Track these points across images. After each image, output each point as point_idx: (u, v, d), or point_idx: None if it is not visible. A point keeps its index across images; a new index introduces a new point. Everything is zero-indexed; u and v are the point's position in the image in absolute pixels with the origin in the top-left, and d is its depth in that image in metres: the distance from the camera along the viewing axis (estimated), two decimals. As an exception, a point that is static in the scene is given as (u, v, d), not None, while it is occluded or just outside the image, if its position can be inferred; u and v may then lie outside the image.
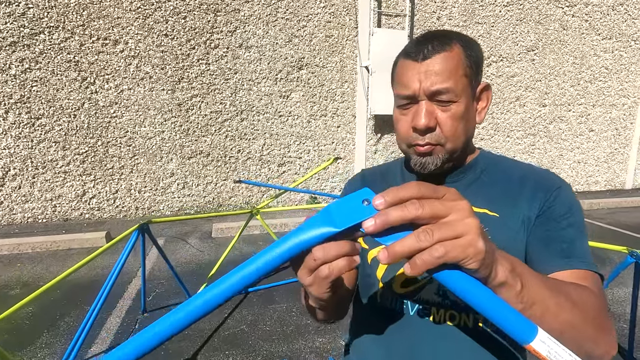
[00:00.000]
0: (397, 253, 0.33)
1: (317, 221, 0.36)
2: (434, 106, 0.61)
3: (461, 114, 0.61)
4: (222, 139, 5.01)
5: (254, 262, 0.36)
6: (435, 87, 0.59)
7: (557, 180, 0.67)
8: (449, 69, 0.59)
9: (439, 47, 0.60)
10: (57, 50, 4.32)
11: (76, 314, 2.53)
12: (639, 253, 1.64)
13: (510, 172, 0.69)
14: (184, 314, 0.35)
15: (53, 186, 4.57)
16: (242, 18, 4.80)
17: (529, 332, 0.33)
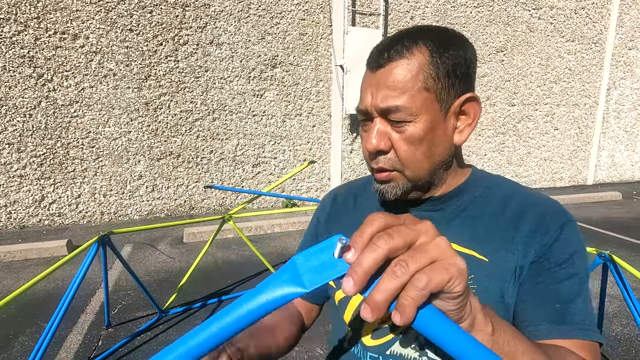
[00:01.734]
0: (381, 303, 0.27)
1: (281, 279, 0.29)
2: (386, 124, 0.51)
3: (419, 135, 0.50)
4: (194, 139, 4.82)
5: (198, 333, 0.29)
6: (384, 105, 0.49)
7: (561, 216, 0.53)
8: (402, 82, 0.48)
9: (395, 55, 0.49)
10: (9, 45, 3.99)
11: (32, 332, 2.34)
12: (607, 254, 1.68)
13: (506, 203, 0.56)
14: None
15: (7, 191, 4.23)
16: (213, 14, 4.63)
17: None
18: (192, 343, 0.29)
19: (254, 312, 0.29)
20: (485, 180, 0.60)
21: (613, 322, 2.53)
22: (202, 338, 0.29)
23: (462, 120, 0.54)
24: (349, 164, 5.63)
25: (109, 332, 2.35)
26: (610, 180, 7.74)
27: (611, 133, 7.47)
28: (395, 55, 0.49)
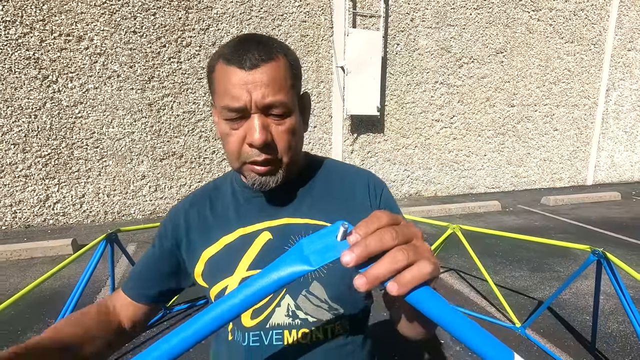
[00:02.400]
0: (378, 278, 0.32)
1: (290, 259, 0.34)
2: (268, 120, 0.55)
3: (294, 127, 0.57)
4: (196, 139, 4.88)
5: (219, 305, 0.34)
6: (268, 100, 0.53)
7: (379, 179, 0.69)
8: (279, 80, 0.53)
9: (265, 56, 0.53)
10: (15, 47, 4.05)
11: (39, 328, 2.39)
12: (600, 251, 1.73)
13: (340, 177, 0.67)
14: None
15: (12, 191, 4.29)
16: (215, 16, 4.69)
17: (505, 357, 0.33)
18: (214, 314, 0.34)
19: (267, 287, 0.34)
20: (318, 162, 0.70)
21: (609, 319, 2.57)
22: (223, 309, 0.34)
23: (305, 114, 0.63)
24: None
25: (115, 328, 2.40)
26: (609, 181, 7.77)
27: (610, 134, 7.51)
28: (266, 56, 0.53)
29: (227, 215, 0.64)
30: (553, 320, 2.57)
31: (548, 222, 5.00)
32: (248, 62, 0.52)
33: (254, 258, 0.59)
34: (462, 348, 2.24)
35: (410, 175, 6.14)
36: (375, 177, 0.69)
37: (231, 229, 0.62)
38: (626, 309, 1.63)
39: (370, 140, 5.76)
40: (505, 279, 3.21)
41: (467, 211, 5.42)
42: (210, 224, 0.64)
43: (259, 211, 0.63)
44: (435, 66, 5.90)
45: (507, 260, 3.61)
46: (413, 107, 5.92)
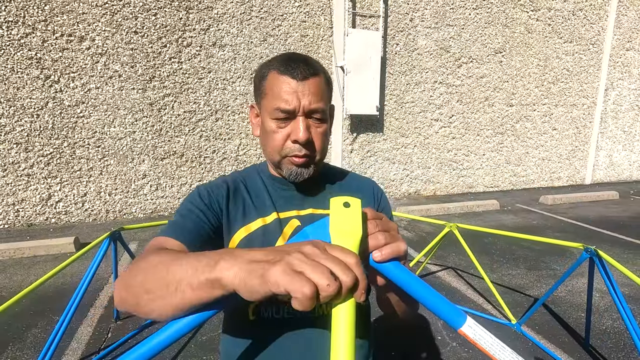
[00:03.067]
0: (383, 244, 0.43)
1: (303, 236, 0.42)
2: (309, 122, 0.66)
3: (327, 131, 0.70)
4: (197, 139, 4.92)
5: None
6: (313, 106, 0.64)
7: (377, 186, 0.83)
8: (321, 92, 0.65)
9: (312, 71, 0.65)
10: (17, 47, 4.09)
11: (44, 325, 2.44)
12: (593, 249, 1.77)
13: (352, 179, 0.82)
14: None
15: (15, 190, 4.33)
16: (215, 16, 4.72)
17: (459, 319, 0.40)
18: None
19: None
20: (332, 168, 0.83)
21: (604, 316, 2.61)
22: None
23: (332, 121, 0.73)
24: (349, 163, 5.72)
25: (118, 324, 2.45)
26: (608, 180, 7.81)
27: (609, 133, 7.54)
28: (312, 72, 0.65)
29: (264, 199, 0.72)
30: (548, 317, 2.61)
31: (546, 221, 5.04)
32: (299, 74, 0.63)
33: (286, 241, 0.64)
34: (458, 344, 2.28)
35: (409, 175, 6.18)
36: (377, 185, 0.84)
37: (268, 212, 0.70)
38: (618, 306, 1.67)
39: (370, 140, 5.80)
40: (502, 276, 3.25)
41: (466, 210, 5.46)
42: (249, 204, 0.71)
43: (288, 201, 0.73)
44: (434, 66, 5.93)
45: (504, 259, 3.65)
46: (412, 107, 5.95)
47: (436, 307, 0.40)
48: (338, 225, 0.40)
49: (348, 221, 0.40)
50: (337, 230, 0.40)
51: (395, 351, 2.20)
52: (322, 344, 0.64)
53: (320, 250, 0.36)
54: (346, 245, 0.38)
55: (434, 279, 3.20)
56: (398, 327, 2.44)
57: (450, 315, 0.40)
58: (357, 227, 0.40)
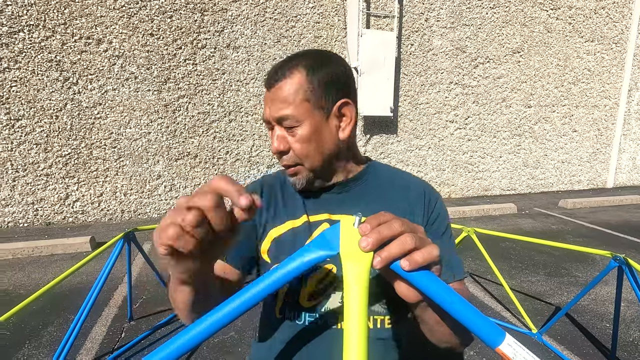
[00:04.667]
0: (390, 254, 0.37)
1: (316, 246, 0.39)
2: (284, 130, 0.64)
3: (307, 136, 0.62)
4: (210, 140, 4.95)
5: (257, 284, 0.39)
6: (277, 114, 0.62)
7: (434, 190, 0.74)
8: (286, 97, 0.61)
9: (279, 76, 0.62)
10: (38, 50, 4.19)
11: (60, 323, 2.46)
12: (622, 257, 1.68)
13: (395, 182, 0.73)
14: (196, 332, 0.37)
15: (34, 189, 4.43)
16: (230, 18, 4.74)
17: (498, 336, 0.36)
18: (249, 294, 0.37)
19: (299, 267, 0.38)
20: (379, 168, 0.75)
21: (631, 327, 2.49)
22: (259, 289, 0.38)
23: (343, 121, 0.66)
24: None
25: (131, 324, 2.46)
26: (631, 184, 7.53)
27: (632, 135, 7.28)
28: (281, 76, 0.61)
29: (295, 202, 0.71)
30: (571, 327, 2.50)
31: (565, 225, 4.88)
32: (269, 83, 0.63)
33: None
34: (475, 353, 2.21)
35: (423, 177, 6.08)
36: (430, 185, 0.75)
37: (298, 215, 0.69)
38: (649, 317, 1.58)
39: (384, 141, 5.73)
40: (521, 283, 3.15)
41: (482, 213, 5.34)
42: (280, 206, 0.71)
43: (320, 204, 0.70)
44: (449, 66, 5.83)
45: (522, 264, 3.54)
46: (427, 108, 5.86)
47: (472, 323, 0.37)
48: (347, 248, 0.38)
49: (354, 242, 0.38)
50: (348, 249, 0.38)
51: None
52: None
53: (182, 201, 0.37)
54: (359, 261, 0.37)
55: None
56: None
57: (487, 332, 0.37)
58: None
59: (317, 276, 0.65)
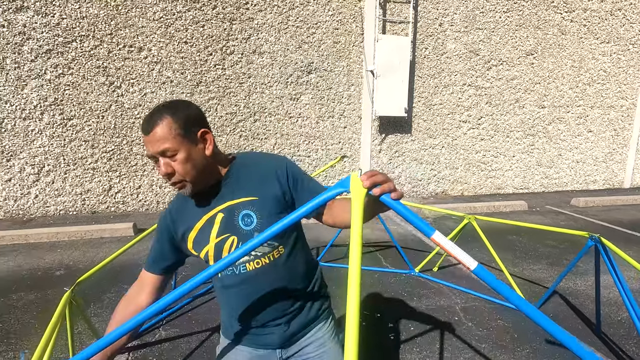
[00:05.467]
0: (384, 190, 0.69)
1: (336, 187, 0.72)
2: (167, 159, 0.89)
3: (185, 159, 0.89)
4: (237, 138, 5.38)
5: (299, 210, 0.71)
6: (159, 149, 0.87)
7: (281, 158, 1.03)
8: (162, 136, 0.87)
9: (152, 124, 0.87)
10: (88, 57, 4.72)
11: (115, 291, 2.91)
12: (597, 237, 1.95)
13: (255, 166, 1.02)
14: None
15: (82, 181, 4.98)
16: (256, 26, 5.16)
17: (430, 231, 0.66)
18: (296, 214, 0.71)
19: (324, 199, 0.70)
20: (242, 159, 1.03)
21: (621, 308, 2.72)
22: (299, 214, 0.70)
23: (207, 142, 0.94)
24: (378, 162, 5.97)
25: (175, 294, 2.87)
26: (649, 184, 7.51)
27: (650, 135, 7.27)
28: (153, 124, 0.87)
29: (194, 210, 1.00)
30: (564, 307, 2.76)
31: (575, 222, 5.04)
32: (145, 130, 0.89)
33: (217, 229, 0.97)
34: (473, 324, 2.50)
35: (436, 175, 6.33)
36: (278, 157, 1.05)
37: (199, 217, 0.98)
38: (618, 286, 1.85)
39: (398, 141, 6.02)
40: (522, 270, 3.40)
41: (493, 210, 5.55)
42: (187, 218, 1.00)
43: (210, 203, 0.99)
44: (463, 69, 6.06)
45: (526, 255, 3.78)
46: (441, 109, 6.11)
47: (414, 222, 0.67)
48: (355, 187, 0.70)
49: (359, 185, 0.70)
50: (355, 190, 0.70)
51: (415, 330, 2.47)
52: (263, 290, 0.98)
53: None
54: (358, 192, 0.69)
55: (455, 269, 3.40)
56: (418, 309, 2.70)
57: (424, 227, 0.67)
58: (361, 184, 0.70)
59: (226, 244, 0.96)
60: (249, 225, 0.95)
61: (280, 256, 0.98)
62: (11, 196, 4.82)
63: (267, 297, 0.99)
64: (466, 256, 0.67)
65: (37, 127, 4.73)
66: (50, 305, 2.73)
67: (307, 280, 1.06)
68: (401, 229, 4.61)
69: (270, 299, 0.99)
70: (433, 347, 2.25)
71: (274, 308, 1.00)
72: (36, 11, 4.49)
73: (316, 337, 1.07)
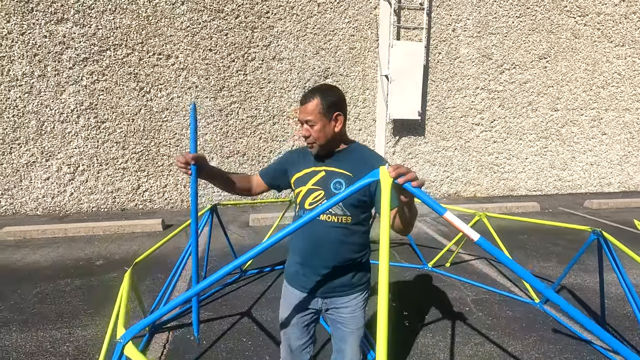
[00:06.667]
0: (408, 179, 0.89)
1: (368, 177, 0.93)
2: (308, 126, 1.25)
3: (319, 129, 1.24)
4: (257, 140, 5.64)
5: (336, 196, 0.92)
6: (305, 118, 1.24)
7: (383, 159, 1.30)
8: (310, 110, 1.23)
9: (306, 99, 1.24)
10: (120, 64, 5.06)
11: (152, 279, 3.18)
12: (599, 231, 2.10)
13: (362, 153, 1.31)
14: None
15: (114, 180, 5.31)
16: (276, 33, 5.43)
17: (442, 210, 0.86)
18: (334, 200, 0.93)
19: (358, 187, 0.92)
20: (358, 147, 1.34)
21: (627, 302, 2.84)
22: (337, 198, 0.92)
23: (337, 122, 1.27)
24: (391, 164, 6.15)
25: (205, 282, 3.13)
26: (666, 187, 7.47)
27: (667, 138, 7.24)
28: (307, 100, 1.24)
29: (309, 161, 1.35)
30: (572, 301, 2.90)
31: (586, 223, 5.11)
32: (302, 102, 1.27)
33: (315, 180, 1.30)
34: (483, 314, 2.67)
35: (449, 176, 6.47)
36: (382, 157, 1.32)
37: (309, 167, 1.33)
38: (619, 277, 2.00)
39: (412, 143, 6.19)
40: (532, 267, 3.54)
41: (505, 211, 5.66)
42: (300, 163, 1.37)
43: (321, 161, 1.32)
44: (476, 73, 6.20)
45: (537, 253, 3.91)
46: (453, 112, 6.26)
47: (431, 203, 0.87)
48: (384, 177, 0.91)
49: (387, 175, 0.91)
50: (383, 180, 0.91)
51: (428, 318, 2.65)
52: (325, 237, 1.27)
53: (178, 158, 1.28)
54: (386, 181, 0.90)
55: (467, 266, 3.56)
56: (431, 300, 2.88)
57: (438, 207, 0.88)
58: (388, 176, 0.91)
59: (315, 193, 1.28)
60: (337, 190, 1.24)
61: (347, 223, 1.26)
62: (49, 194, 5.19)
63: (324, 246, 1.27)
64: (470, 230, 0.87)
65: (74, 130, 5.09)
66: (95, 290, 3.01)
67: (358, 253, 1.31)
68: (415, 227, 4.78)
69: (326, 249, 1.27)
70: (445, 333, 2.43)
71: (326, 257, 1.27)
72: (75, 22, 4.86)
73: (352, 303, 1.32)
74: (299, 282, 1.34)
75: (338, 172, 1.27)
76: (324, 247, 1.27)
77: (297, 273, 1.33)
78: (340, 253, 1.27)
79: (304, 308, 1.34)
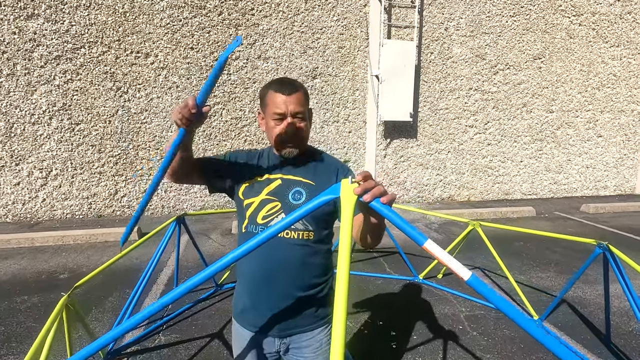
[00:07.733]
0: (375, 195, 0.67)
1: (327, 193, 0.71)
2: (297, 119, 1.03)
3: (306, 126, 1.05)
4: (241, 143, 5.39)
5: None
6: (296, 110, 1.01)
7: (346, 165, 1.15)
8: (302, 101, 1.03)
9: (295, 88, 1.02)
10: (96, 63, 4.79)
11: (117, 295, 2.91)
12: (605, 244, 1.89)
13: (324, 160, 1.14)
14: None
15: (89, 185, 5.03)
16: (261, 32, 5.19)
17: (422, 238, 0.63)
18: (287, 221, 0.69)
19: (315, 205, 0.69)
20: (314, 151, 1.15)
21: (632, 319, 2.64)
22: (292, 218, 0.68)
23: (311, 121, 1.10)
24: (383, 167, 5.93)
25: (177, 298, 2.87)
26: (662, 190, 7.34)
27: (663, 141, 7.11)
28: (296, 89, 1.02)
29: (263, 166, 1.12)
30: (573, 317, 2.68)
31: (584, 228, 4.93)
32: (287, 90, 1.01)
33: (270, 190, 1.07)
34: (478, 333, 2.44)
35: (442, 180, 6.26)
36: (343, 166, 1.15)
37: (262, 174, 1.10)
38: (627, 296, 1.79)
39: (403, 145, 5.98)
40: (530, 278, 3.33)
41: (500, 216, 5.46)
42: (254, 169, 1.12)
43: (277, 168, 1.10)
44: (469, 73, 6.01)
45: (534, 262, 3.70)
46: (446, 113, 6.06)
47: (406, 230, 0.64)
48: (346, 193, 0.69)
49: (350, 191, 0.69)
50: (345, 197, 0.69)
51: (418, 339, 2.42)
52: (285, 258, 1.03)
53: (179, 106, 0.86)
54: (348, 198, 0.67)
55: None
56: (421, 317, 2.65)
57: (415, 235, 0.64)
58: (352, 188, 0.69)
59: (269, 205, 1.05)
60: (297, 201, 1.04)
61: (308, 239, 1.05)
62: (19, 200, 4.89)
63: (284, 270, 1.03)
64: (460, 266, 0.64)
65: (46, 132, 4.80)
66: (52, 309, 2.73)
67: (322, 277, 1.09)
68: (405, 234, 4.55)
69: (286, 273, 1.03)
70: (436, 357, 2.20)
71: (285, 284, 1.04)
72: (46, 18, 4.58)
73: (317, 339, 1.07)
74: (247, 320, 1.09)
75: (296, 180, 1.07)
76: (282, 272, 1.03)
77: (246, 307, 1.08)
78: (302, 278, 1.04)
79: (259, 353, 1.08)
